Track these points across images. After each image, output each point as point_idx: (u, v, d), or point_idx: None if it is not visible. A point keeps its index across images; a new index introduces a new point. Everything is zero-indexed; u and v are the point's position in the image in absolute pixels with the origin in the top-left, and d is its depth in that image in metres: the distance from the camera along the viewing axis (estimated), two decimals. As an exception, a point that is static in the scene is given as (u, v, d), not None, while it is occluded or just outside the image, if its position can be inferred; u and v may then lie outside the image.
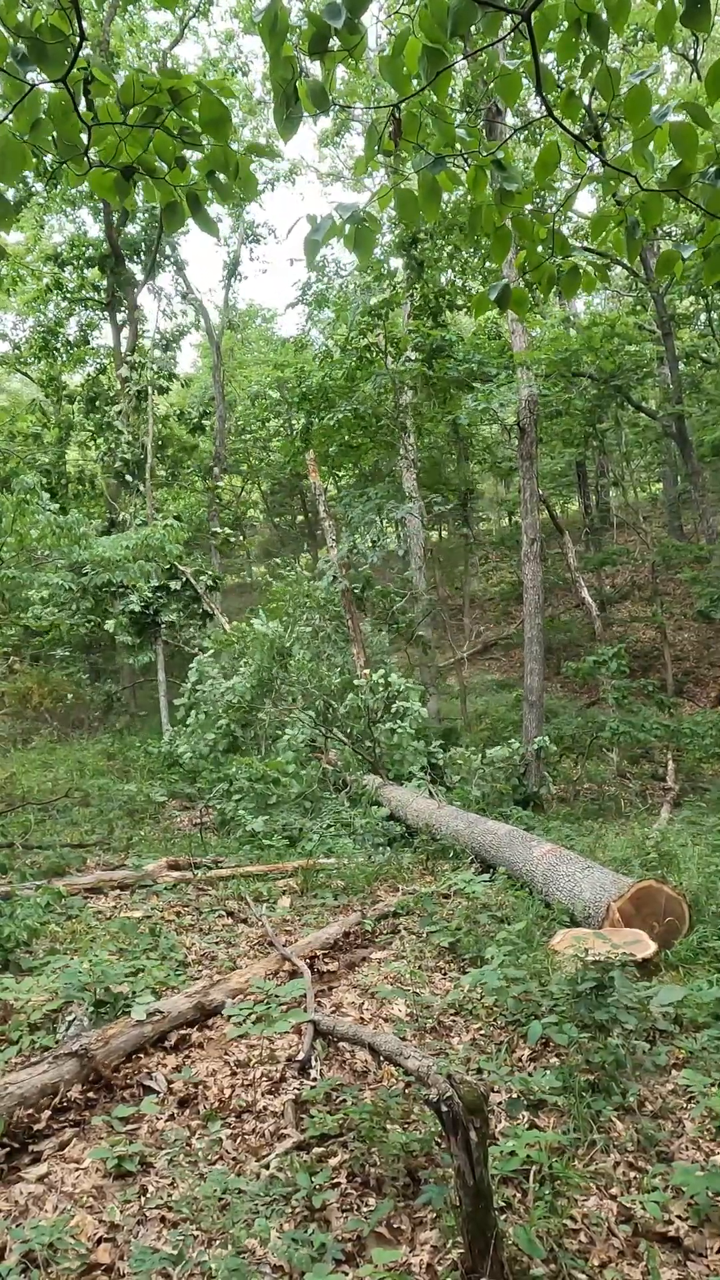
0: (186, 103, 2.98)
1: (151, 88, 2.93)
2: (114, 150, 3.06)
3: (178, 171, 3.16)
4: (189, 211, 3.25)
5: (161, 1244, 3.06)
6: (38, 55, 2.70)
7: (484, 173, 3.33)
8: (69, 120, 2.91)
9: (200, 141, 3.08)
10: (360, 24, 2.73)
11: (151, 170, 3.14)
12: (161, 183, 3.16)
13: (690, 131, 3.01)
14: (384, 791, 10.82)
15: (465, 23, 2.73)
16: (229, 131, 3.05)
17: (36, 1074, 3.85)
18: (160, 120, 3.00)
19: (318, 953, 5.83)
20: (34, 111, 2.87)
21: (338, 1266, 2.91)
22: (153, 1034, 4.46)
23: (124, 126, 2.99)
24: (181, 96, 2.96)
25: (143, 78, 2.93)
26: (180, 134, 3.05)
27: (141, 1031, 4.40)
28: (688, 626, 22.31)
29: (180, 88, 2.94)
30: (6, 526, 11.87)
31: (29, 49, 2.70)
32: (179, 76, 2.96)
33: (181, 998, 4.77)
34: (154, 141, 3.07)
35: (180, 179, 3.18)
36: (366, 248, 3.29)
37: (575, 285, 3.66)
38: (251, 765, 11.47)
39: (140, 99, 2.95)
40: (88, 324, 27.20)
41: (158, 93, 2.93)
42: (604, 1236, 3.04)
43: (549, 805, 12.76)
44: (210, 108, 2.97)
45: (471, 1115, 2.72)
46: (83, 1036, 4.16)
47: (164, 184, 3.17)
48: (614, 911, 5.70)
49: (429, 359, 17.75)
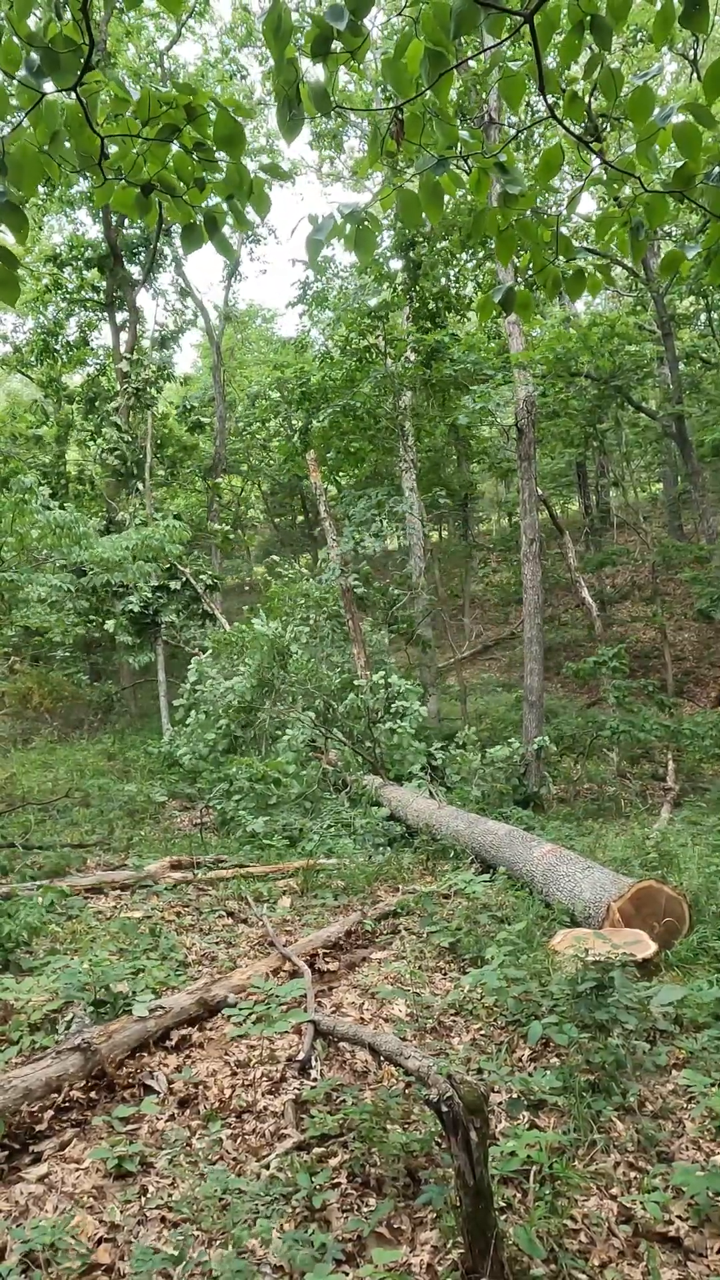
0: (200, 119, 2.98)
1: (167, 103, 2.93)
2: (132, 165, 3.05)
3: (196, 192, 3.16)
4: (206, 235, 3.25)
5: (162, 1244, 3.06)
6: (50, 65, 2.70)
7: (486, 175, 3.33)
8: (85, 132, 2.91)
9: (215, 159, 3.08)
10: (363, 26, 2.74)
11: (171, 189, 3.14)
12: (181, 203, 3.16)
13: (694, 132, 3.01)
14: (384, 792, 10.82)
15: (468, 24, 2.73)
16: (243, 148, 3.05)
17: (41, 1069, 3.86)
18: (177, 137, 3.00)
19: (319, 951, 5.83)
20: (53, 123, 2.87)
21: (338, 1266, 2.91)
22: (156, 1030, 4.47)
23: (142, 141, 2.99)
24: (196, 113, 2.96)
25: (158, 92, 2.93)
26: (195, 149, 3.05)
27: (145, 1026, 4.41)
28: (688, 626, 22.32)
29: (195, 104, 2.94)
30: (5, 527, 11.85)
31: (42, 59, 2.70)
32: (194, 92, 2.95)
33: (184, 995, 4.78)
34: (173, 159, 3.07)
35: (199, 199, 3.18)
36: (367, 248, 3.29)
37: (580, 287, 3.66)
38: (251, 765, 11.47)
39: (155, 114, 2.95)
40: (87, 324, 27.21)
41: (174, 108, 2.93)
42: (604, 1237, 3.05)
43: (549, 805, 12.76)
44: (224, 125, 2.97)
45: (472, 1115, 2.72)
46: (85, 1031, 4.17)
47: (183, 204, 3.17)
48: (614, 911, 5.70)
49: (427, 360, 17.76)
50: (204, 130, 3.00)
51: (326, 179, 29.06)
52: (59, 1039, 4.30)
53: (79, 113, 2.85)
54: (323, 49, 2.74)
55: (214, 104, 2.93)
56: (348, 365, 18.49)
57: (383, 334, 18.47)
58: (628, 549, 24.53)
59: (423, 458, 22.08)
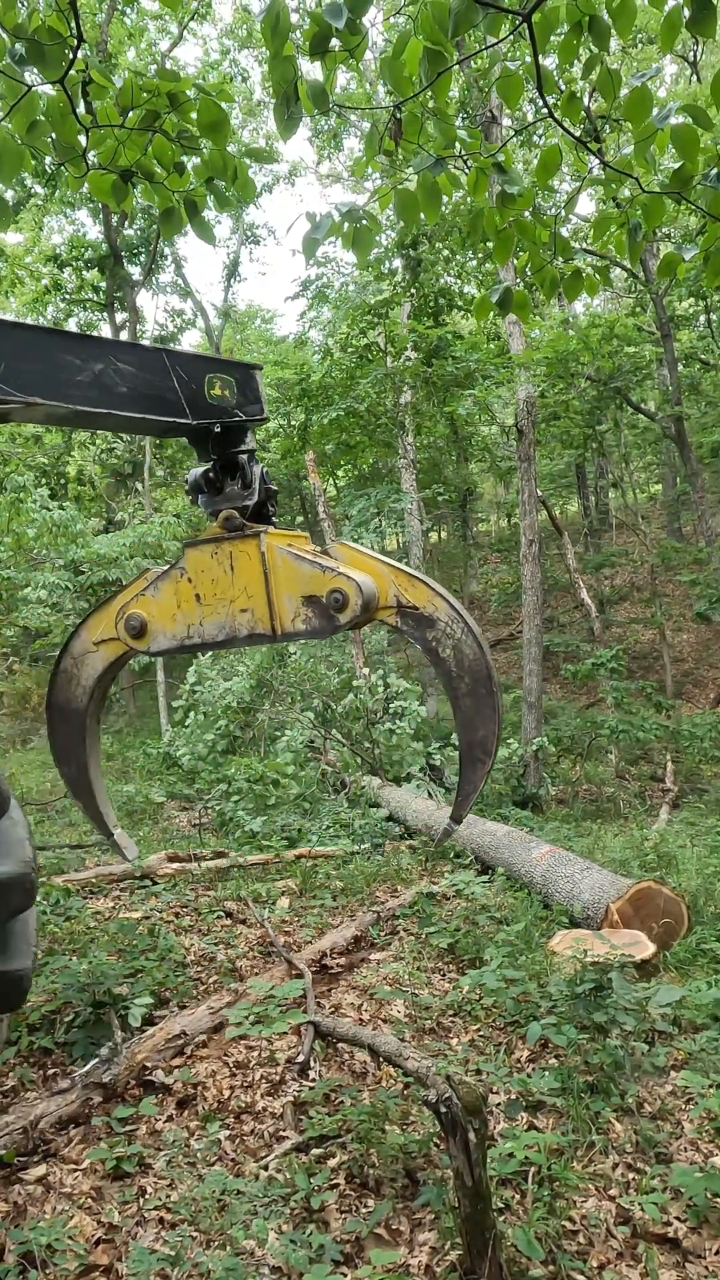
0: (185, 106, 2.98)
1: (150, 91, 2.93)
2: (112, 153, 3.06)
3: (176, 177, 3.16)
4: (186, 218, 3.24)
5: (160, 1245, 3.06)
6: (35, 56, 2.70)
7: (485, 175, 3.33)
8: (67, 122, 2.91)
9: (199, 145, 3.08)
10: (361, 24, 2.73)
11: (150, 174, 3.14)
12: (160, 187, 3.16)
13: (691, 134, 3.01)
14: (383, 792, 10.81)
15: (466, 24, 2.73)
16: (227, 135, 3.05)
17: (64, 1105, 3.80)
18: (159, 124, 3.00)
19: (327, 951, 5.81)
20: (31, 113, 2.87)
21: (336, 1267, 2.90)
22: (172, 1051, 4.41)
23: (123, 129, 2.99)
24: (180, 100, 2.96)
25: (141, 80, 2.93)
26: (179, 137, 3.05)
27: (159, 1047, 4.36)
28: (687, 628, 22.32)
29: (178, 91, 2.94)
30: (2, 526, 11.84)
31: (26, 50, 2.70)
32: (177, 79, 2.96)
33: (204, 1012, 4.67)
34: (152, 145, 3.07)
35: (178, 184, 3.18)
36: (365, 247, 3.29)
37: (578, 288, 3.66)
38: (250, 766, 11.46)
39: (139, 102, 2.95)
40: (87, 325, 27.21)
41: (156, 96, 2.93)
42: (603, 1238, 3.04)
43: (548, 806, 12.76)
44: (208, 111, 2.97)
45: (470, 1116, 2.72)
46: (113, 1065, 4.07)
47: (162, 189, 3.17)
48: (613, 912, 5.70)
49: (428, 358, 17.76)
50: (188, 117, 2.99)
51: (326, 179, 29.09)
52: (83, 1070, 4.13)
53: (61, 103, 2.85)
54: (321, 47, 2.74)
55: (197, 89, 2.92)
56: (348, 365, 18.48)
57: (383, 331, 18.47)
58: (627, 550, 24.53)
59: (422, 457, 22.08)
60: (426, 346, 17.75)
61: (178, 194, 3.20)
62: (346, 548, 3.21)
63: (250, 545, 3.16)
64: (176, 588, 3.27)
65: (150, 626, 3.32)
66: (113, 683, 3.85)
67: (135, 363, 2.96)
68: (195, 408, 3.09)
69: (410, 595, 3.09)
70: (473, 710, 3.08)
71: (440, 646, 3.06)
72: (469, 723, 3.11)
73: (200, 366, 3.12)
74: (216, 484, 3.26)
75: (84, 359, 2.85)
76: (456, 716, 3.14)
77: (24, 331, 2.86)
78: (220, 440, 3.21)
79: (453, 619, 3.04)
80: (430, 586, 3.10)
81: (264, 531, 3.18)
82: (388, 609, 3.12)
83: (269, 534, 3.18)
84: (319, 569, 3.06)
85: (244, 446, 3.27)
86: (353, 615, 3.01)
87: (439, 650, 3.07)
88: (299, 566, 3.10)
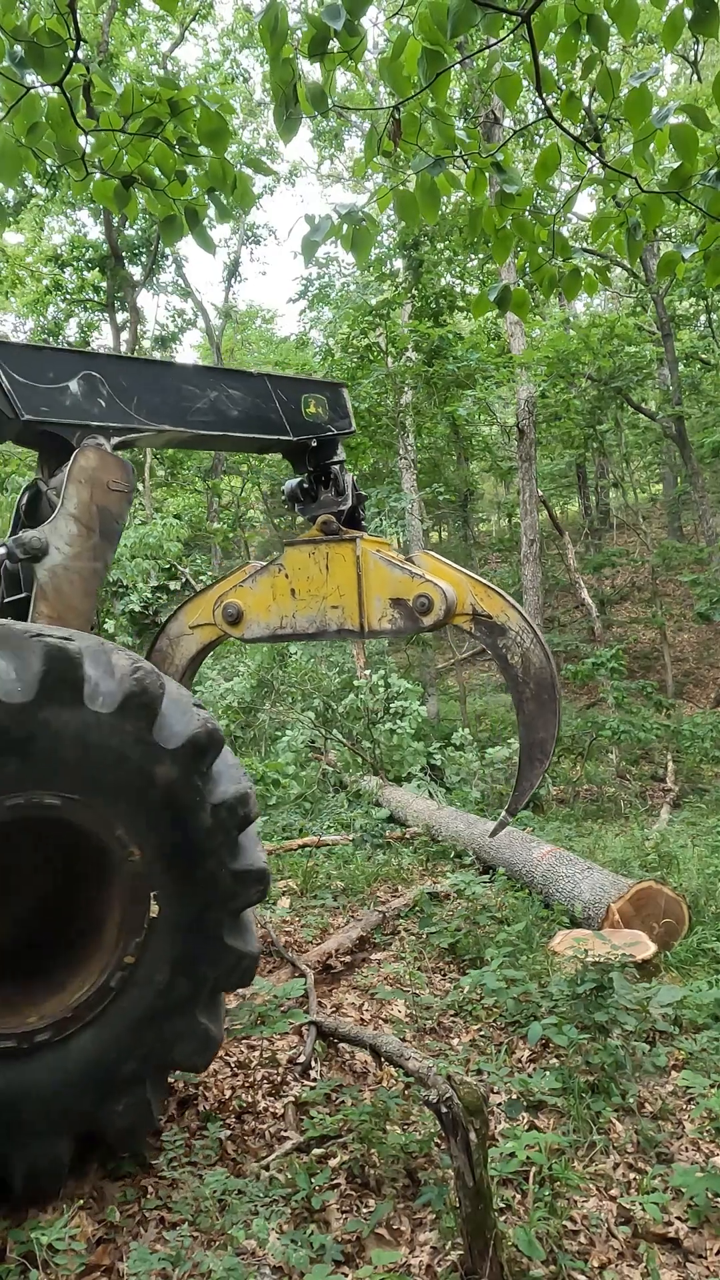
0: (185, 114, 3.00)
1: (151, 98, 2.95)
2: (114, 158, 3.07)
3: (177, 185, 3.19)
4: (186, 227, 3.28)
5: (160, 1245, 3.06)
6: (34, 59, 2.70)
7: (483, 175, 3.33)
8: (66, 125, 2.91)
9: (199, 154, 3.11)
10: (360, 26, 2.73)
11: (151, 181, 3.17)
12: (161, 195, 3.19)
13: (690, 133, 3.01)
14: (384, 793, 10.81)
15: (465, 24, 2.73)
16: (227, 143, 3.09)
17: None
18: (160, 131, 3.02)
19: (331, 953, 5.80)
20: (32, 115, 2.87)
21: (337, 1267, 2.90)
22: None
23: (124, 135, 3.02)
24: (180, 108, 2.98)
25: (142, 87, 2.94)
26: (179, 144, 3.07)
27: None
28: (687, 628, 22.30)
29: (180, 99, 2.95)
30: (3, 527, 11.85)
31: (26, 53, 2.70)
32: (178, 87, 2.97)
33: None
34: (154, 152, 3.09)
35: (180, 193, 3.21)
36: (364, 248, 3.30)
37: (577, 287, 3.67)
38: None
39: (139, 108, 2.98)
40: (87, 325, 27.21)
41: (157, 103, 2.96)
42: (603, 1238, 3.04)
43: (548, 806, 12.74)
44: (209, 119, 2.98)
45: (471, 1116, 2.72)
46: None
47: (163, 196, 3.20)
48: (614, 912, 5.69)
49: (429, 358, 17.75)
50: (188, 125, 3.02)
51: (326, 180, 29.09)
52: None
53: (61, 106, 2.86)
54: (319, 49, 2.74)
55: (198, 99, 2.94)
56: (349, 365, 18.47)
57: (384, 331, 18.46)
58: (627, 550, 24.51)
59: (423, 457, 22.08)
60: (427, 347, 17.74)
61: (179, 202, 3.22)
62: (429, 557, 3.51)
63: (346, 549, 3.46)
64: (274, 582, 3.56)
65: (246, 615, 3.63)
66: (201, 664, 4.19)
67: (243, 388, 3.31)
68: (294, 425, 3.44)
69: (486, 605, 3.37)
70: (535, 714, 3.34)
71: (509, 653, 3.32)
72: (531, 725, 3.37)
73: (297, 388, 3.45)
74: (312, 492, 3.60)
75: (201, 388, 3.17)
76: (519, 718, 3.42)
77: (150, 367, 3.19)
78: (315, 453, 3.53)
79: (523, 629, 3.31)
80: (504, 598, 3.37)
81: (359, 537, 3.47)
82: (464, 615, 3.39)
83: (364, 539, 3.47)
84: (408, 575, 3.33)
85: (335, 458, 3.58)
86: (436, 619, 3.31)
87: (508, 656, 3.33)
88: (390, 571, 3.36)
